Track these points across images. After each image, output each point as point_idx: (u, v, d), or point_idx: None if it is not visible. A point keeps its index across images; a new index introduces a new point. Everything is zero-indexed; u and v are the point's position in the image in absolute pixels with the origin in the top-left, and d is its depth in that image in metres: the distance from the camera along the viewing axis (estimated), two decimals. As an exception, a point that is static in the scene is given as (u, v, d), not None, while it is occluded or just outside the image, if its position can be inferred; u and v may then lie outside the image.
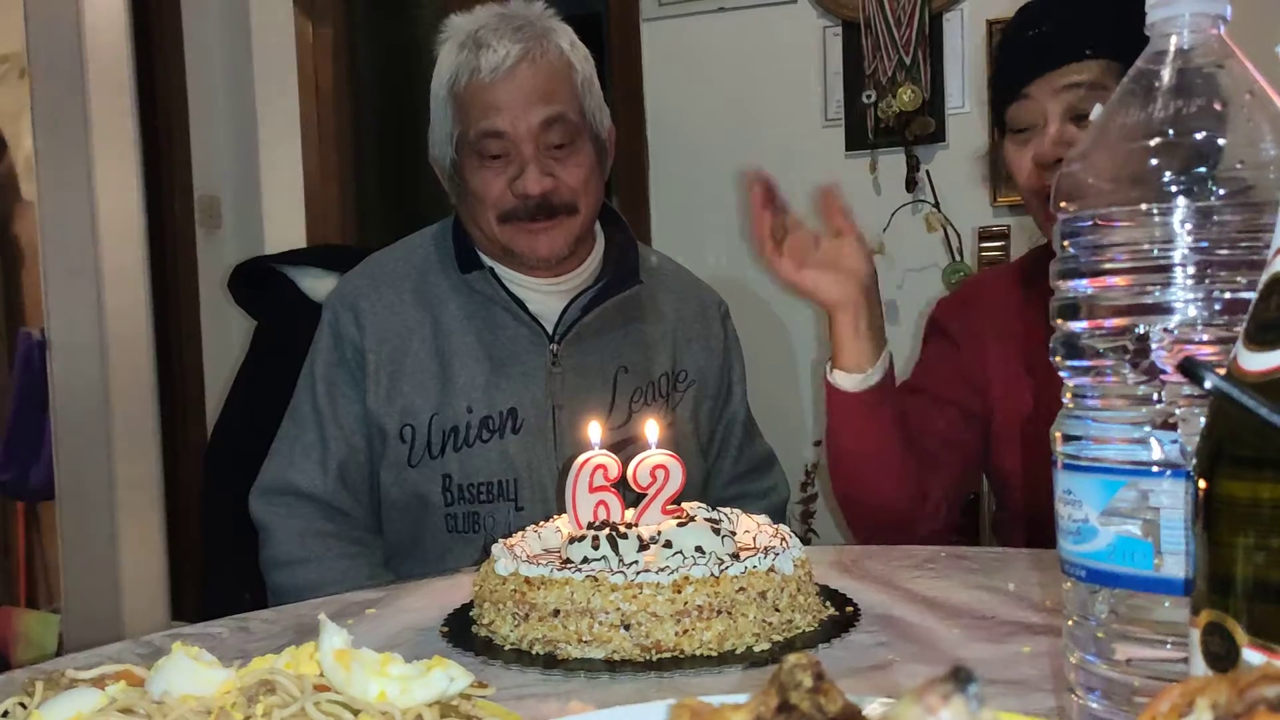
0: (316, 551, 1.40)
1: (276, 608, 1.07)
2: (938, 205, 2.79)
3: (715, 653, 0.82)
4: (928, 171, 2.84)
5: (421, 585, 1.12)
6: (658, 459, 0.98)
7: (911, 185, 2.85)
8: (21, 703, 0.56)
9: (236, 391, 1.92)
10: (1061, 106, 1.26)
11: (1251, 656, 0.42)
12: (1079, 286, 0.58)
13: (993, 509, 2.18)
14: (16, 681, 0.78)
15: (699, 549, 0.89)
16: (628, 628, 0.82)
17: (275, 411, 1.51)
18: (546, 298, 1.47)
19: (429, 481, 1.41)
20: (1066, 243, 0.59)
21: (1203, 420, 0.47)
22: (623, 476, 0.98)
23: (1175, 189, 0.54)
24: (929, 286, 2.82)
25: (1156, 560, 0.54)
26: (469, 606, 0.95)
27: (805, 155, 2.97)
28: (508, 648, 0.85)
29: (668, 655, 0.82)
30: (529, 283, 1.47)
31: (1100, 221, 0.57)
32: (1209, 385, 0.43)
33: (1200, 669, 0.45)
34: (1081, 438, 0.57)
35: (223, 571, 1.84)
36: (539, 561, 0.88)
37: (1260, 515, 0.42)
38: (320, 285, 1.78)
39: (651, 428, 1.05)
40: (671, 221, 3.09)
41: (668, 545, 0.89)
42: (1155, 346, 0.54)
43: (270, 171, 3.51)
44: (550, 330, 1.45)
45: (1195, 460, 0.46)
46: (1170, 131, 0.55)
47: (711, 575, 0.84)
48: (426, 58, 1.52)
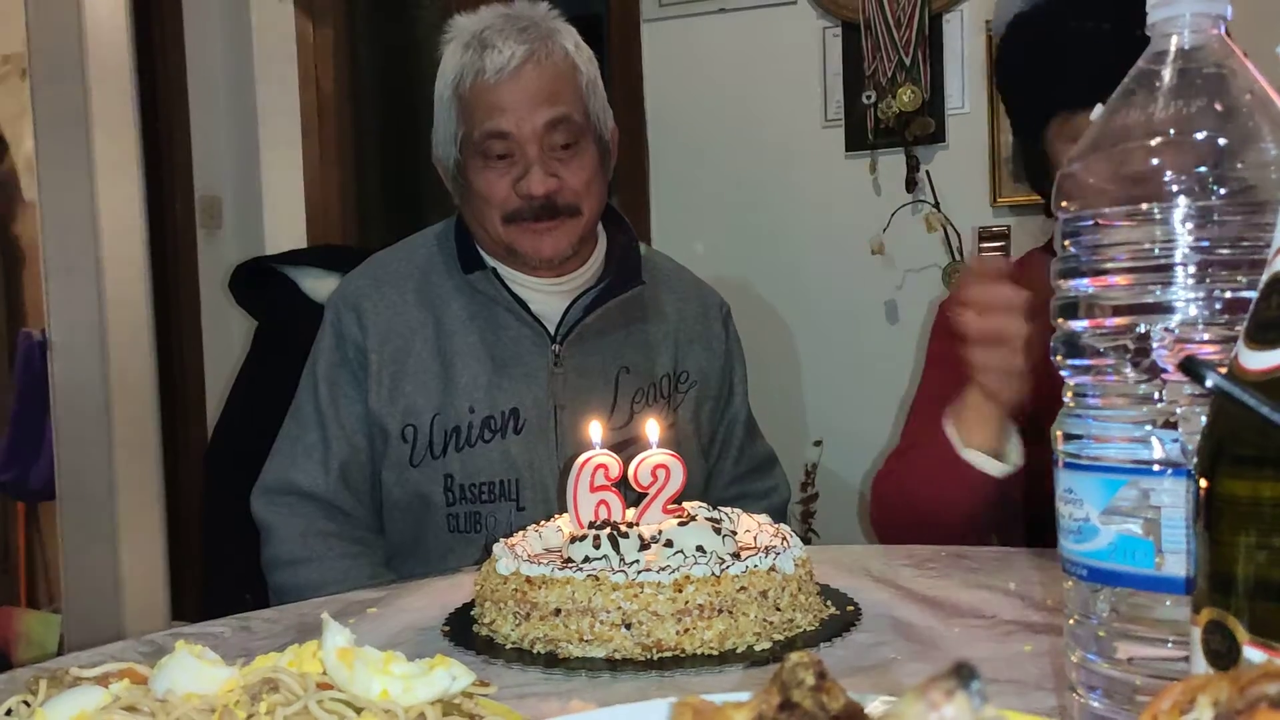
0: (318, 551, 1.40)
1: (278, 607, 1.07)
2: (938, 205, 2.79)
3: (716, 652, 0.82)
4: (928, 172, 2.84)
5: (422, 585, 1.12)
6: (659, 458, 0.98)
7: (911, 185, 2.85)
8: (25, 701, 0.56)
9: (237, 392, 1.92)
10: None
11: (1252, 654, 0.42)
12: (1080, 286, 0.58)
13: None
14: (20, 680, 0.78)
15: (700, 548, 0.89)
16: (629, 627, 0.82)
17: (276, 412, 1.51)
18: (549, 298, 1.47)
19: (431, 481, 1.41)
20: (1067, 242, 0.59)
21: (1204, 419, 0.47)
22: (624, 476, 0.98)
23: (1176, 188, 0.54)
24: (929, 287, 2.82)
25: (1158, 559, 0.54)
26: (470, 606, 0.95)
27: (805, 156, 2.97)
28: (509, 647, 0.85)
29: (669, 654, 0.82)
30: (531, 283, 1.47)
31: (1101, 221, 0.57)
32: (1210, 384, 0.43)
33: (1201, 667, 0.45)
34: (1082, 436, 0.57)
35: (223, 571, 1.84)
36: (540, 561, 0.88)
37: (1261, 514, 0.43)
38: (321, 285, 1.78)
39: (652, 427, 1.05)
40: (672, 222, 3.09)
41: (669, 544, 0.89)
42: (1156, 345, 0.54)
43: (271, 172, 3.51)
44: (552, 331, 1.45)
45: (1196, 459, 0.46)
46: (1171, 131, 0.55)
47: (712, 574, 0.84)
48: (427, 58, 1.52)
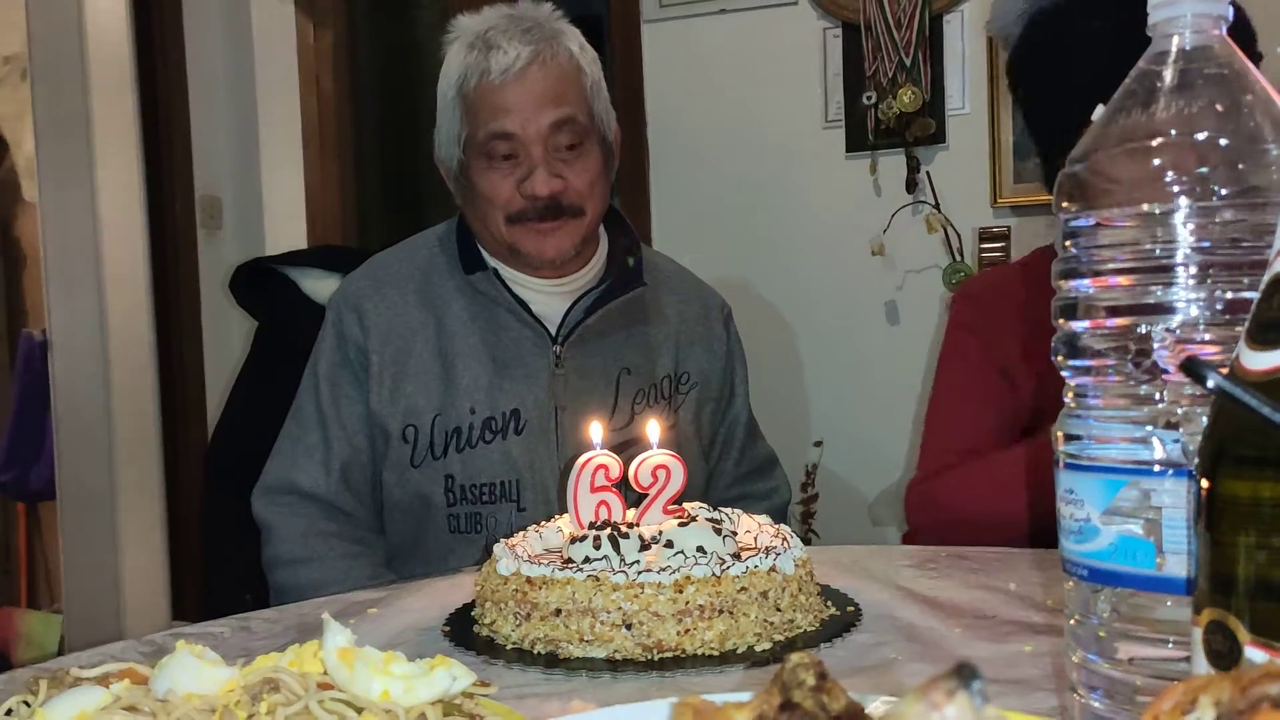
0: (319, 551, 1.40)
1: (278, 607, 1.07)
2: (938, 206, 2.79)
3: (717, 652, 0.82)
4: (928, 172, 2.84)
5: (423, 585, 1.12)
6: (659, 459, 0.98)
7: (912, 186, 2.85)
8: (26, 701, 0.56)
9: (238, 392, 1.92)
10: None
11: (1254, 655, 0.42)
12: (1081, 286, 0.58)
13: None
14: (20, 680, 0.78)
15: (700, 549, 0.89)
16: (629, 627, 0.82)
17: (276, 412, 1.51)
18: (550, 299, 1.47)
19: (431, 482, 1.41)
20: (1069, 243, 0.59)
21: (1205, 420, 0.47)
22: (624, 477, 0.98)
23: (1177, 189, 0.54)
24: (930, 287, 2.82)
25: (1158, 559, 0.54)
26: (470, 606, 0.95)
27: (806, 156, 2.97)
28: (509, 647, 0.85)
29: (669, 655, 0.82)
30: (533, 284, 1.47)
31: (1102, 222, 0.57)
32: (1211, 385, 0.43)
33: (1203, 668, 0.45)
34: (1083, 437, 0.57)
35: (224, 572, 1.84)
36: (541, 561, 0.88)
37: (1262, 514, 0.43)
38: (321, 286, 1.78)
39: (653, 428, 1.05)
40: (672, 223, 3.09)
41: (669, 545, 0.89)
42: (1157, 346, 0.54)
43: (271, 172, 3.51)
44: (553, 332, 1.45)
45: (1197, 459, 0.46)
46: (1172, 132, 0.55)
47: (713, 575, 0.84)
48: (428, 59, 1.52)
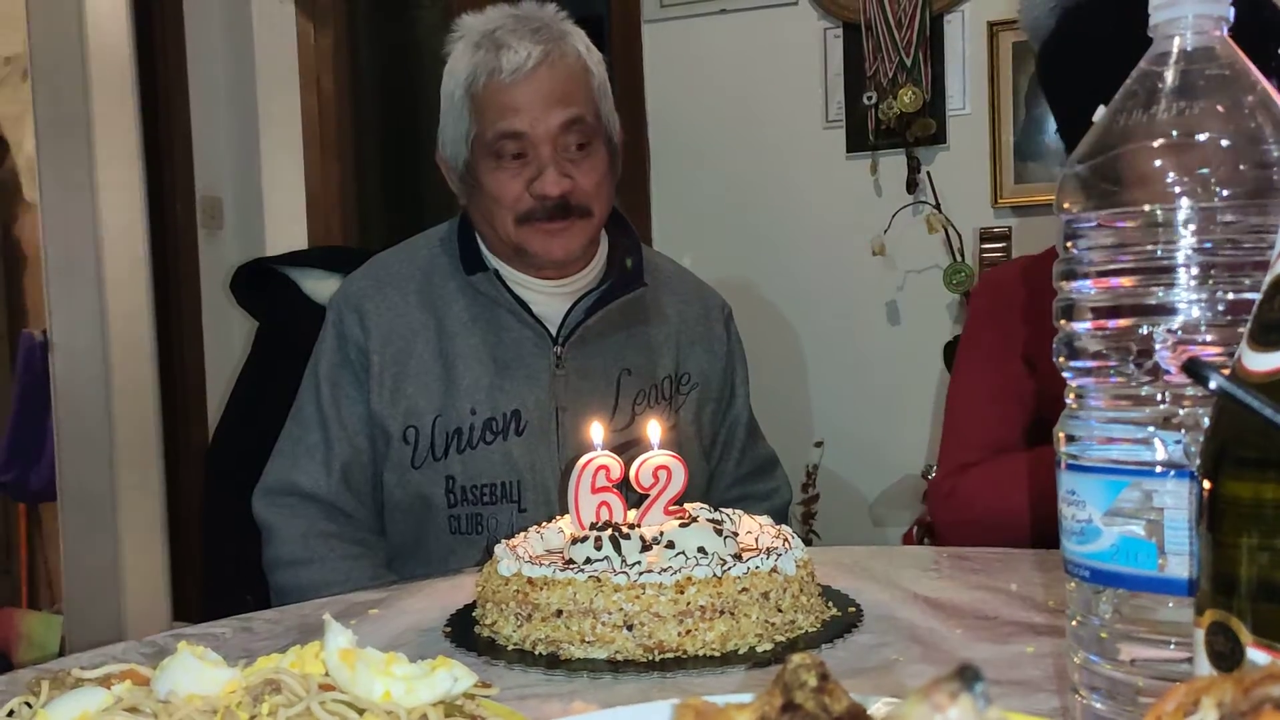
0: (319, 552, 1.40)
1: (280, 608, 1.07)
2: (939, 206, 2.79)
3: (718, 653, 0.82)
4: (929, 173, 2.84)
5: (424, 586, 1.12)
6: (660, 460, 0.98)
7: (912, 186, 2.85)
8: (27, 702, 0.56)
9: (238, 393, 1.92)
10: None
11: (1256, 656, 0.42)
12: (1082, 287, 0.58)
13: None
14: (21, 681, 0.78)
15: (701, 550, 0.89)
16: (630, 628, 0.82)
17: (277, 413, 1.51)
18: (551, 300, 1.47)
19: (432, 483, 1.41)
20: (1070, 243, 0.59)
21: (1207, 421, 0.47)
22: (625, 478, 0.98)
23: (1179, 190, 0.54)
24: (930, 288, 2.82)
25: (1160, 561, 0.54)
26: (471, 607, 0.95)
27: (806, 157, 2.97)
28: (510, 648, 0.85)
29: (670, 656, 0.82)
30: (533, 285, 1.47)
31: (1104, 222, 0.57)
32: (1213, 386, 0.43)
33: (1205, 669, 0.45)
34: (1085, 438, 0.57)
35: (224, 573, 1.84)
36: (542, 562, 0.88)
37: (1264, 516, 0.43)
38: (322, 286, 1.78)
39: (654, 429, 1.05)
40: (672, 223, 3.09)
41: (670, 546, 0.89)
42: (1159, 347, 0.54)
43: (272, 173, 3.51)
44: (554, 332, 1.45)
45: (1199, 461, 0.46)
46: (1174, 133, 0.55)
47: (714, 576, 0.84)
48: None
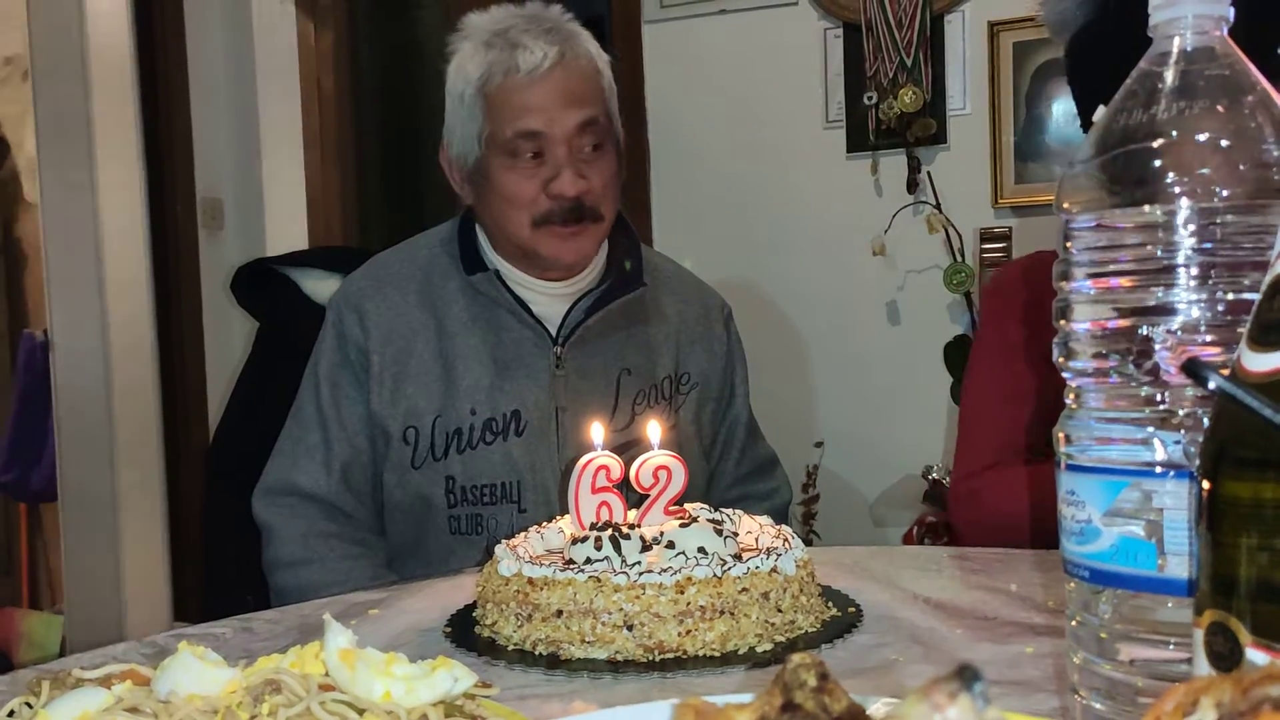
0: (319, 552, 1.40)
1: (280, 608, 1.07)
2: (939, 206, 2.79)
3: (718, 653, 0.82)
4: (929, 173, 2.84)
5: (424, 586, 1.12)
6: (660, 460, 0.98)
7: (913, 186, 2.85)
8: (28, 702, 0.56)
9: (239, 393, 1.92)
10: None
11: (1255, 656, 0.42)
12: (1082, 287, 0.58)
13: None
14: (22, 681, 0.78)
15: (701, 550, 0.89)
16: (631, 628, 0.82)
17: (278, 413, 1.51)
18: (551, 300, 1.47)
19: (432, 483, 1.41)
20: (1069, 244, 0.59)
21: (1206, 421, 0.47)
22: (625, 478, 0.98)
23: (1179, 190, 0.54)
24: (930, 288, 2.82)
25: (1160, 561, 0.54)
26: (472, 607, 0.95)
27: (806, 157, 2.97)
28: (511, 648, 0.85)
29: (671, 656, 0.82)
30: (534, 285, 1.47)
31: (1103, 223, 0.57)
32: (1213, 386, 0.43)
33: (1204, 669, 0.45)
34: (1084, 438, 0.57)
35: (225, 573, 1.84)
36: (542, 562, 0.88)
37: (1263, 516, 0.43)
38: (322, 286, 1.78)
39: (654, 429, 1.05)
40: (672, 223, 3.09)
41: (670, 546, 0.89)
42: (1159, 347, 0.54)
43: (272, 173, 3.51)
44: (554, 332, 1.45)
45: (1199, 461, 0.46)
46: (1174, 133, 0.55)
47: (714, 576, 0.84)
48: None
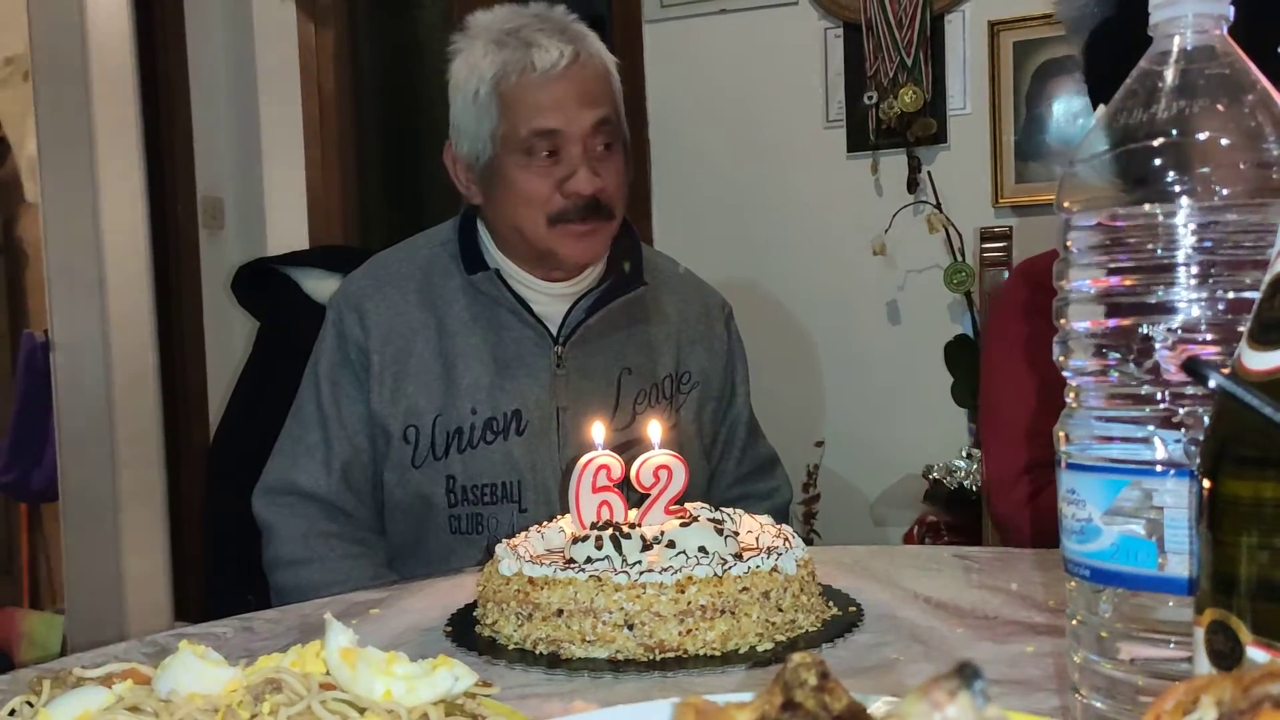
0: (319, 552, 1.40)
1: (280, 607, 1.07)
2: (939, 206, 2.79)
3: (719, 652, 0.82)
4: (929, 172, 2.84)
5: (424, 585, 1.12)
6: (661, 459, 0.98)
7: (913, 186, 2.85)
8: (29, 701, 0.56)
9: (240, 392, 1.92)
10: None
11: (1256, 655, 0.42)
12: (1082, 286, 0.58)
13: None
14: (23, 680, 0.78)
15: (702, 549, 0.89)
16: (631, 627, 0.82)
17: (278, 413, 1.51)
18: (551, 299, 1.47)
19: (433, 483, 1.41)
20: (1069, 242, 0.59)
21: (1206, 420, 0.47)
22: (625, 477, 0.98)
23: (1179, 189, 0.54)
24: (931, 287, 2.82)
25: (1160, 559, 0.54)
26: (472, 606, 0.95)
27: (807, 156, 2.97)
28: (511, 647, 0.85)
29: (671, 655, 0.82)
30: (535, 284, 1.47)
31: (1103, 221, 0.57)
32: (1213, 384, 0.43)
33: (1204, 668, 0.45)
34: (1085, 437, 0.57)
35: (225, 573, 1.84)
36: (542, 561, 0.88)
37: (1263, 514, 0.43)
38: (323, 286, 1.78)
39: (655, 428, 1.05)
40: (673, 223, 3.10)
41: (671, 545, 0.89)
42: (1159, 346, 0.54)
43: (273, 173, 3.51)
44: (555, 332, 1.45)
45: (1199, 459, 0.46)
46: (1174, 131, 0.55)
47: (715, 575, 0.84)
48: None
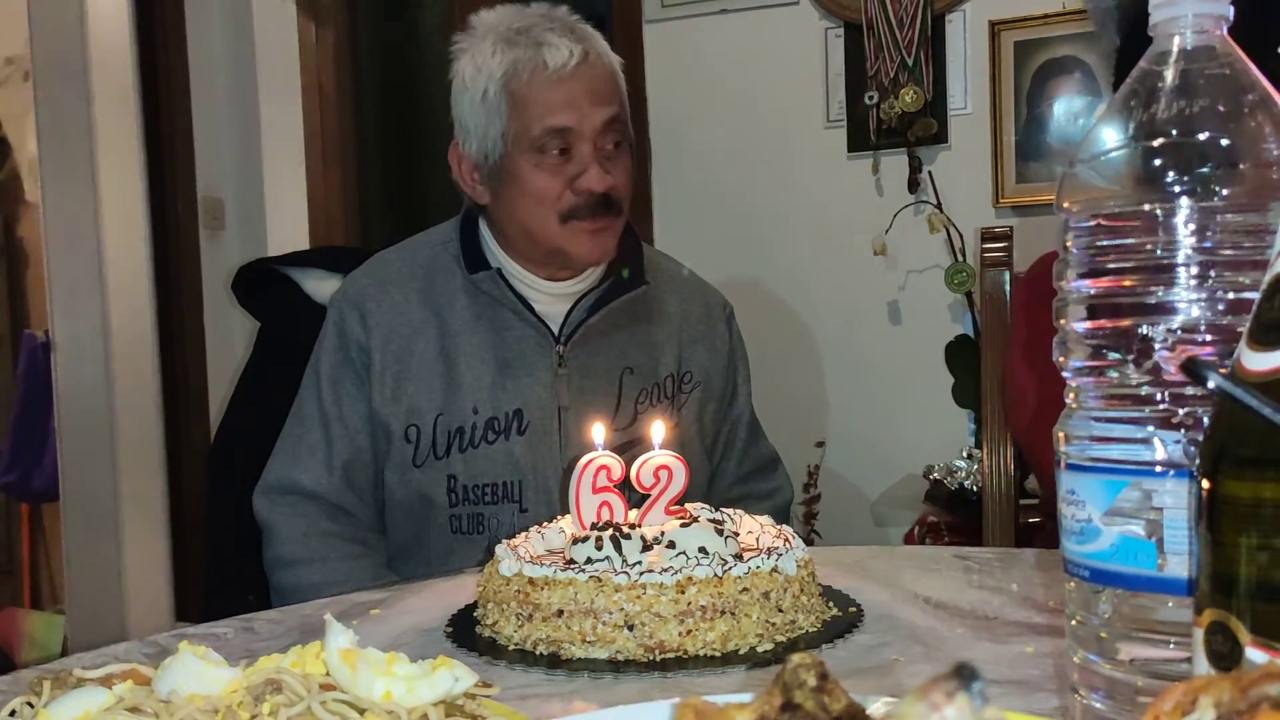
0: (320, 552, 1.40)
1: (281, 608, 1.07)
2: (940, 206, 2.79)
3: (719, 653, 0.82)
4: (930, 172, 2.84)
5: (425, 586, 1.12)
6: (661, 460, 0.98)
7: (914, 186, 2.85)
8: (29, 702, 0.56)
9: (240, 393, 1.92)
10: None
11: (1254, 655, 0.42)
12: (1081, 286, 0.58)
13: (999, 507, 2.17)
14: (23, 680, 0.78)
15: (702, 549, 0.89)
16: (631, 628, 0.82)
17: (279, 412, 1.51)
18: (553, 299, 1.47)
19: (434, 482, 1.41)
20: (1069, 242, 0.59)
21: (1206, 420, 0.47)
22: (626, 477, 0.98)
23: (1178, 189, 0.54)
24: (931, 287, 2.82)
25: (1160, 560, 0.54)
26: (473, 607, 0.95)
27: (807, 156, 2.97)
28: (511, 648, 0.85)
29: (671, 655, 0.82)
30: (536, 284, 1.47)
31: (1103, 221, 0.57)
32: (1212, 385, 0.43)
33: (1203, 668, 0.45)
34: (1084, 438, 0.57)
35: (226, 572, 1.84)
36: (543, 562, 0.88)
37: (1263, 515, 0.43)
38: (323, 286, 1.78)
39: (656, 429, 1.05)
40: (673, 222, 3.10)
41: (671, 546, 0.89)
42: (1158, 346, 0.54)
43: (273, 173, 3.51)
44: (556, 331, 1.45)
45: (1198, 460, 0.46)
46: (1173, 131, 0.55)
47: (715, 576, 0.84)
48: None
